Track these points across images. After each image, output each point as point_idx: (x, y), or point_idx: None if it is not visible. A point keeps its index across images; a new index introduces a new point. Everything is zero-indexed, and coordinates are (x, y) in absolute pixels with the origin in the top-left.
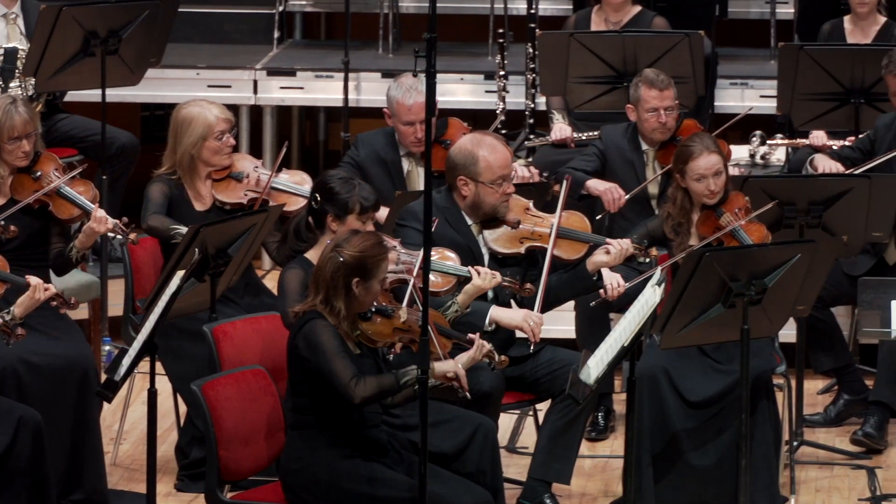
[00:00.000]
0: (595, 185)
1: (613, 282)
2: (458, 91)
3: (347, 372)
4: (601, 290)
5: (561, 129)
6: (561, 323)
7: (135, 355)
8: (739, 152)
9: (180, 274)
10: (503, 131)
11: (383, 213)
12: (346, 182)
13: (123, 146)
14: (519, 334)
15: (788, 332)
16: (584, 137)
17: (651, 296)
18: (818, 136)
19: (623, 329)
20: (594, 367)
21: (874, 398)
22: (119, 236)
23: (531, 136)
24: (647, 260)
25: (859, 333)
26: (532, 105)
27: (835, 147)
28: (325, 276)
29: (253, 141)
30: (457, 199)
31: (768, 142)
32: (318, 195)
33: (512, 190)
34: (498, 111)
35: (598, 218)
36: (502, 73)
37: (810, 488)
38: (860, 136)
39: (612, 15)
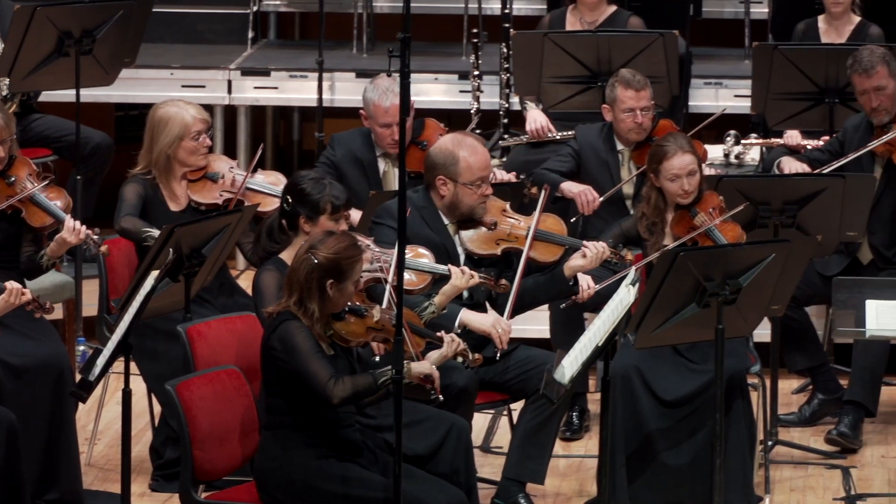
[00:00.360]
0: (569, 187)
1: (584, 283)
2: (432, 91)
3: (325, 372)
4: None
5: (534, 118)
6: (535, 323)
7: (109, 355)
8: (714, 152)
9: (155, 274)
10: (477, 131)
11: (357, 215)
12: (316, 182)
13: (98, 146)
14: None
15: (763, 332)
16: (558, 137)
17: (625, 295)
18: (792, 136)
19: (597, 329)
20: (568, 366)
21: (848, 398)
22: (92, 248)
23: (505, 136)
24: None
25: (833, 333)
26: (506, 105)
27: (809, 147)
28: (299, 277)
29: (227, 141)
30: (434, 199)
31: (742, 141)
32: (289, 197)
33: (490, 191)
34: (472, 111)
35: (572, 220)
36: (476, 72)
37: (785, 488)
38: (832, 137)
39: (587, 14)
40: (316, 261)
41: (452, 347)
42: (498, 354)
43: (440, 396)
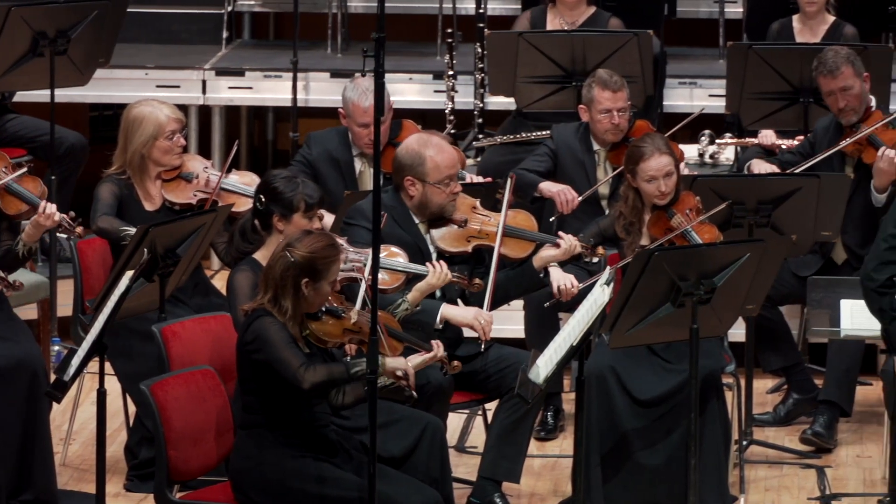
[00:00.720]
0: (548, 186)
1: (567, 283)
2: (406, 91)
3: (296, 359)
4: (554, 291)
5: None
6: (510, 322)
7: (84, 355)
8: (688, 151)
9: (129, 274)
10: (452, 131)
11: (329, 218)
12: (289, 181)
13: (72, 146)
14: (468, 333)
15: (738, 332)
16: (533, 137)
17: (600, 295)
18: (767, 136)
19: (572, 328)
20: (543, 366)
21: (823, 397)
22: (65, 235)
23: (480, 136)
24: (596, 259)
25: (808, 332)
26: (481, 105)
27: (784, 146)
28: (274, 275)
29: (201, 141)
30: (404, 199)
31: (717, 141)
32: (262, 196)
33: (459, 189)
34: (447, 111)
35: (551, 220)
36: (451, 72)
37: (760, 487)
38: (806, 136)
39: (566, 15)
40: (292, 259)
41: (435, 357)
42: (483, 346)
43: (414, 394)
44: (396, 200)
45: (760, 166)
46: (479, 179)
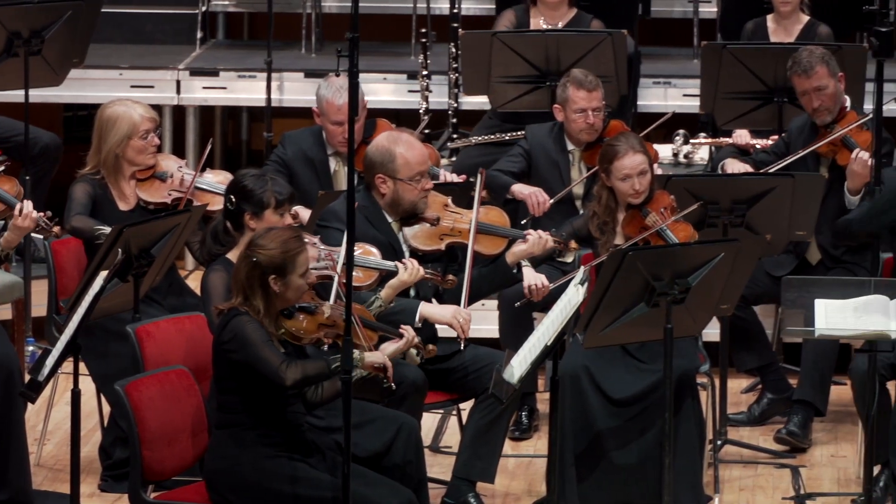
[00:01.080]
0: (519, 189)
1: (538, 282)
2: (380, 91)
3: (276, 357)
4: (525, 291)
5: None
6: (484, 322)
7: (58, 356)
8: (663, 151)
9: (104, 274)
10: (426, 131)
11: (306, 213)
12: (258, 178)
13: (46, 146)
14: (444, 331)
15: (712, 332)
16: (507, 137)
17: (574, 295)
18: (741, 135)
19: (546, 328)
20: (517, 366)
21: (798, 397)
22: (41, 236)
23: (454, 136)
24: (570, 259)
25: (783, 332)
26: (455, 104)
27: (758, 146)
28: (241, 278)
29: (176, 141)
30: (376, 198)
31: (691, 141)
32: (232, 196)
33: (430, 186)
34: (421, 111)
35: (523, 222)
36: (425, 72)
37: (734, 487)
38: (781, 136)
39: (548, 16)
40: (255, 259)
41: (409, 342)
42: (462, 344)
43: (392, 385)
44: (368, 199)
45: (734, 166)
46: (454, 177)
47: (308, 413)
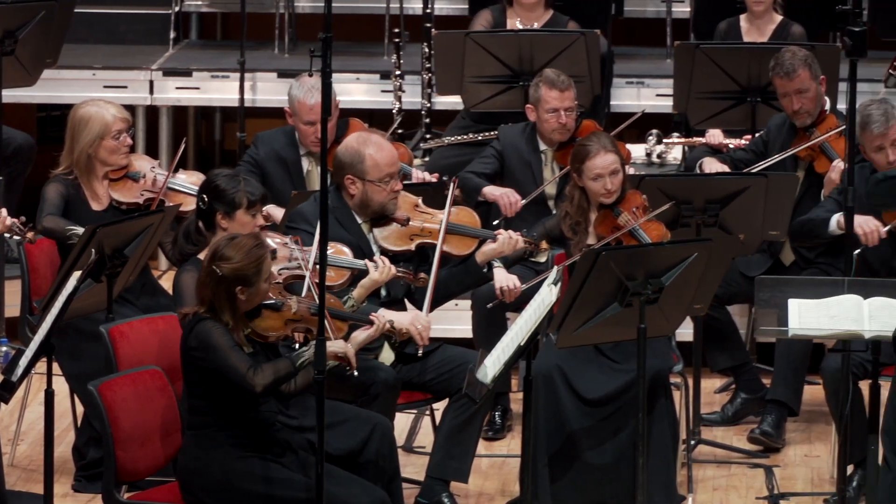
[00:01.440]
0: (491, 191)
1: (510, 283)
2: (354, 91)
3: (243, 364)
4: (497, 292)
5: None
6: (458, 322)
7: (32, 356)
8: (636, 151)
9: (77, 274)
10: (399, 131)
11: (279, 213)
12: (231, 178)
13: (20, 147)
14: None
15: (685, 331)
16: (480, 137)
17: (547, 295)
18: (714, 135)
19: (519, 328)
20: (491, 366)
21: (771, 397)
22: (17, 237)
23: (427, 137)
24: (543, 259)
25: (756, 332)
26: (428, 104)
27: (731, 146)
28: (207, 292)
29: (149, 141)
30: (346, 198)
31: (664, 140)
32: (205, 196)
33: (399, 187)
34: (394, 111)
35: (495, 223)
36: (398, 72)
37: (708, 487)
38: (753, 137)
39: (524, 17)
40: (221, 273)
41: (380, 329)
42: (420, 351)
43: (355, 372)
44: (338, 200)
45: (712, 165)
46: (426, 175)
47: (281, 412)
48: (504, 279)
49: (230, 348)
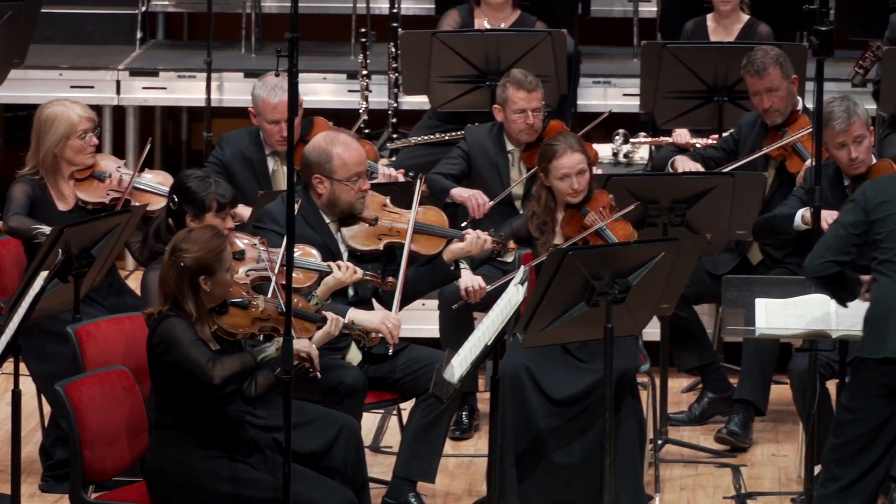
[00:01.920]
0: (459, 192)
1: (475, 284)
2: (320, 90)
3: (203, 357)
4: (462, 293)
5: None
6: (425, 322)
7: None
8: (603, 151)
9: (44, 274)
10: (366, 131)
11: (246, 212)
12: (202, 180)
13: None
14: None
15: (652, 331)
16: (447, 137)
17: (514, 294)
18: (681, 135)
19: (486, 328)
20: (458, 366)
21: (738, 396)
22: None
23: (394, 136)
24: (511, 259)
25: (723, 331)
26: (395, 104)
27: (698, 145)
28: (170, 284)
29: (116, 141)
30: (313, 198)
31: (631, 140)
32: (175, 196)
33: (367, 186)
34: (361, 111)
35: (463, 225)
36: (365, 72)
37: (675, 486)
38: (724, 135)
39: (491, 17)
40: (182, 263)
41: (335, 325)
42: (390, 350)
43: (318, 374)
44: (306, 199)
45: (685, 163)
46: (392, 171)
47: (248, 412)
48: (469, 280)
49: (191, 342)
